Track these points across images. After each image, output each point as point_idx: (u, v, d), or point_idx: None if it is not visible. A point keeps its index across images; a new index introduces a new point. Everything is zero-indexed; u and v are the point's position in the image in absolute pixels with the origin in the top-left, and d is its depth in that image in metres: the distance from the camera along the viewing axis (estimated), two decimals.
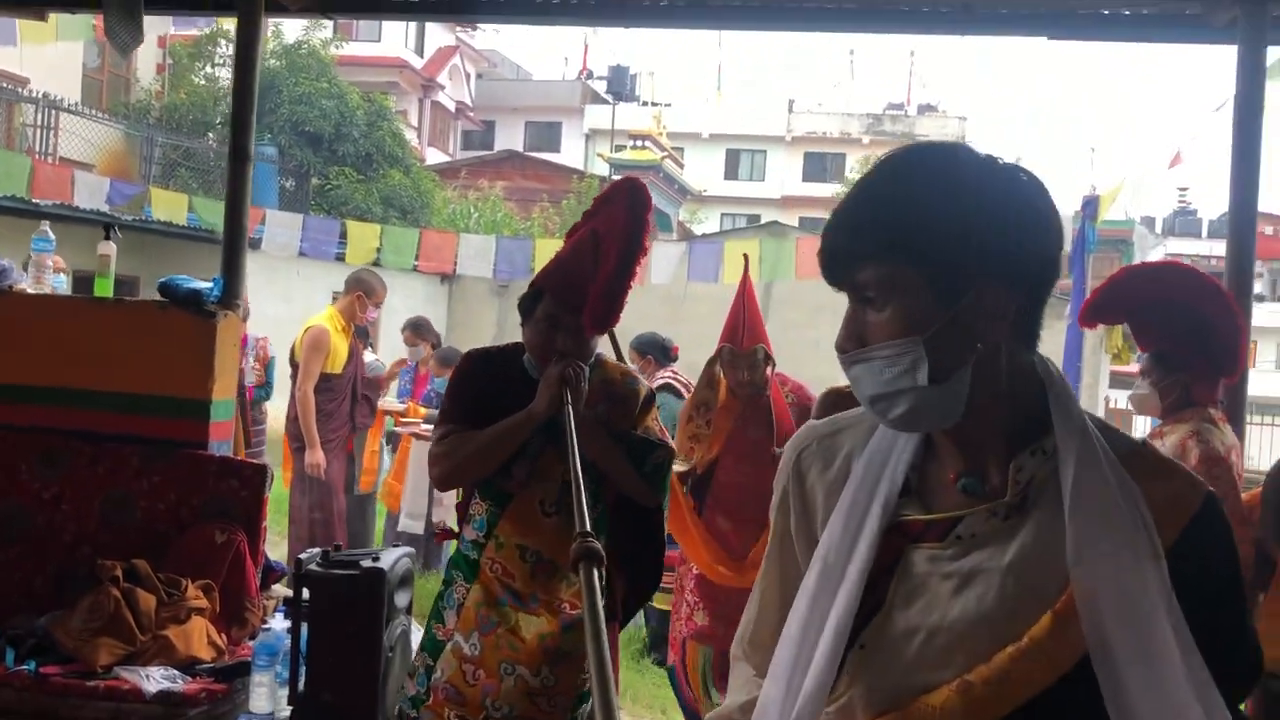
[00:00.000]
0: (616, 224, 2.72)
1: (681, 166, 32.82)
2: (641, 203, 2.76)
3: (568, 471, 2.22)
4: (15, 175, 9.87)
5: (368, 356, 8.55)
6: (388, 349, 10.20)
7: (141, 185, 11.45)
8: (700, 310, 11.39)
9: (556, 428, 2.59)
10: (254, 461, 4.23)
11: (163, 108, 19.50)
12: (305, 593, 3.33)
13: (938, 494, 1.29)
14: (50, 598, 3.89)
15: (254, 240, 10.60)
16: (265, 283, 10.95)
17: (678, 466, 3.55)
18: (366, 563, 3.30)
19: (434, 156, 32.42)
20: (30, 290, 4.21)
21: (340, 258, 10.47)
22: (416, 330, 7.41)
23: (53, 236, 4.31)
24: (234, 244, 4.27)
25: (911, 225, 1.19)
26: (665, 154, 29.37)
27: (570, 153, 39.59)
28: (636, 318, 13.13)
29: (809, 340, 14.56)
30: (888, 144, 40.93)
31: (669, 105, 38.33)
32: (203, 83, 20.55)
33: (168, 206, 10.56)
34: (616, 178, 22.32)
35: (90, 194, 10.38)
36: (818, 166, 41.44)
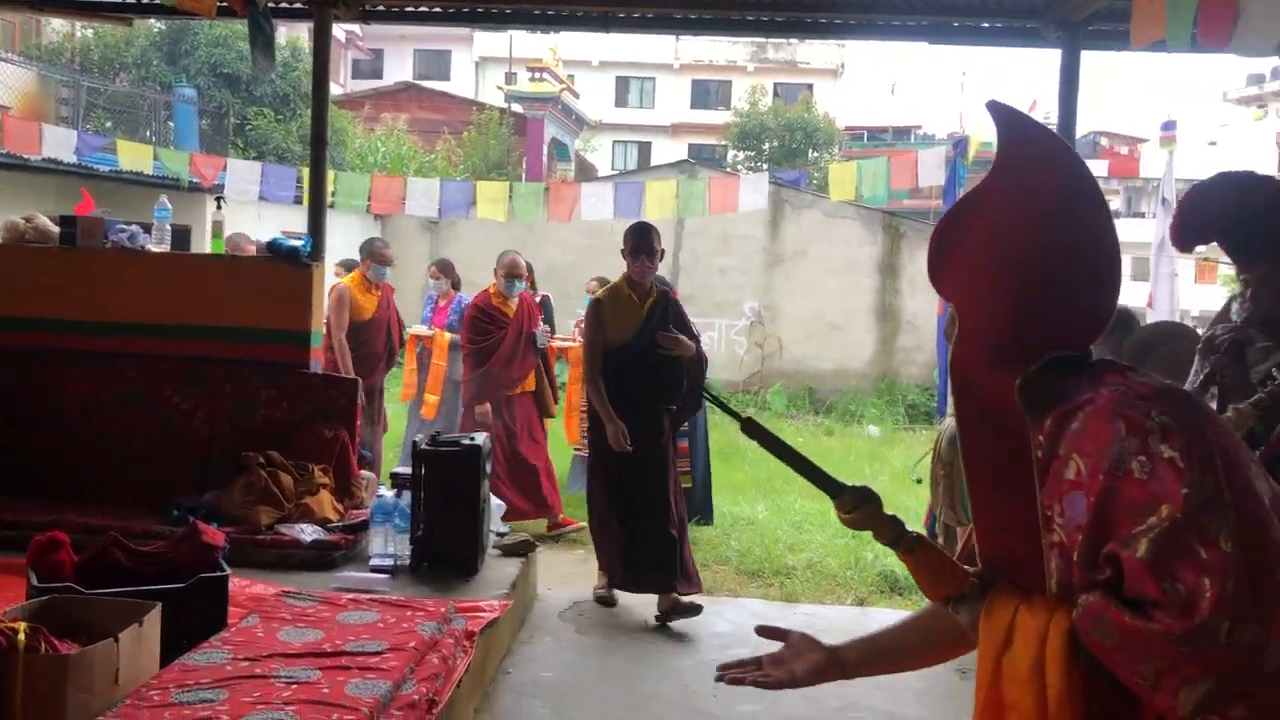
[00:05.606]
0: None
1: (577, 96, 33.53)
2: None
3: None
4: None
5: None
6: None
7: (108, 138, 12.15)
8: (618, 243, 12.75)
9: None
10: (347, 376, 5.48)
11: (74, 49, 19.68)
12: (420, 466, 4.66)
13: None
14: (192, 482, 5.13)
15: (217, 186, 11.50)
16: (228, 225, 11.82)
17: None
18: (466, 441, 4.64)
19: None
20: (155, 250, 5.35)
21: (298, 200, 11.41)
22: (442, 269, 8.46)
23: (169, 205, 5.44)
24: (317, 210, 5.48)
25: None
26: (563, 85, 30.11)
27: (460, 81, 39.67)
28: (561, 249, 14.43)
29: (717, 267, 16.12)
30: (772, 70, 42.39)
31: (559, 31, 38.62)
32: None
33: (134, 156, 11.33)
34: (517, 109, 22.89)
35: (58, 146, 11.11)
36: (704, 93, 42.64)
